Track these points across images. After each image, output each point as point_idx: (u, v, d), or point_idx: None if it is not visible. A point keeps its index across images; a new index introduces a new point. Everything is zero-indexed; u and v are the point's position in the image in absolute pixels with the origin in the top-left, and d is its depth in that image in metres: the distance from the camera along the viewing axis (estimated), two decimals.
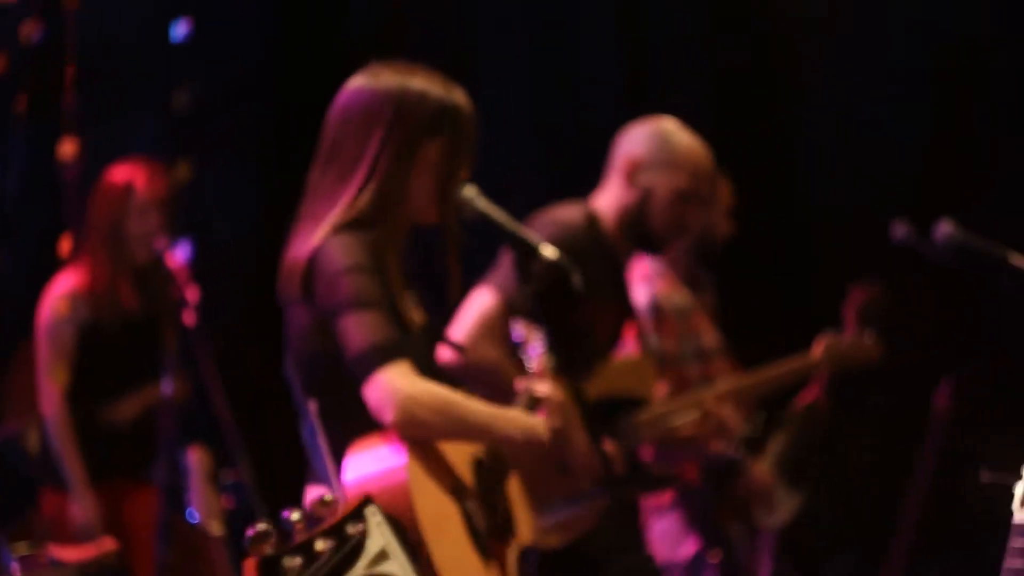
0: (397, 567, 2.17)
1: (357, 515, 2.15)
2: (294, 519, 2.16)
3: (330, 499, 2.14)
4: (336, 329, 3.24)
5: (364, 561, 2.16)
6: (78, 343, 5.50)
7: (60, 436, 5.43)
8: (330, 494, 2.17)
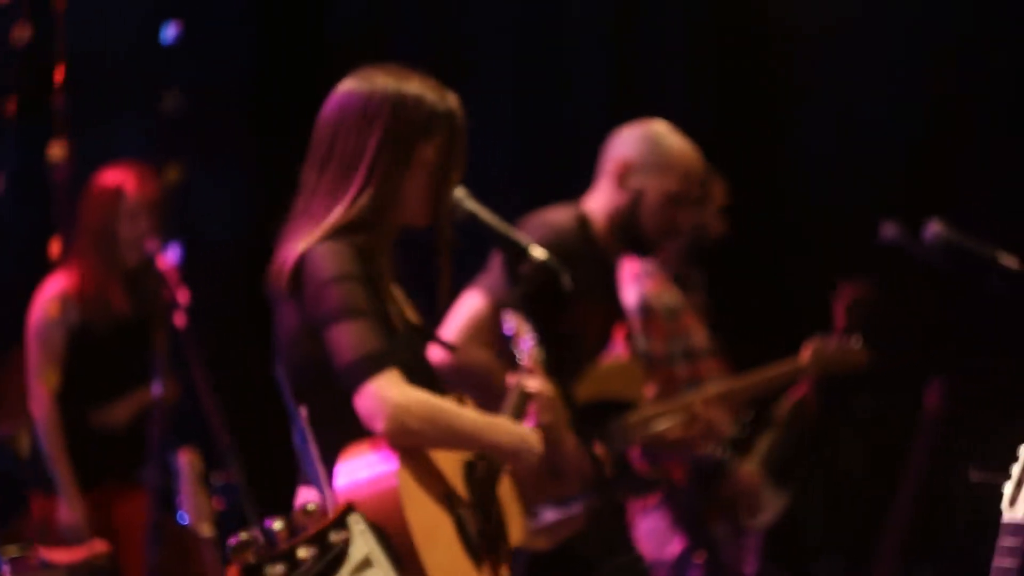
0: (381, 574, 2.17)
1: (340, 523, 2.15)
2: (277, 527, 2.16)
3: (313, 508, 2.14)
4: (325, 338, 3.23)
5: (347, 568, 2.16)
6: (68, 345, 5.50)
7: (50, 438, 5.44)
8: (313, 503, 2.18)
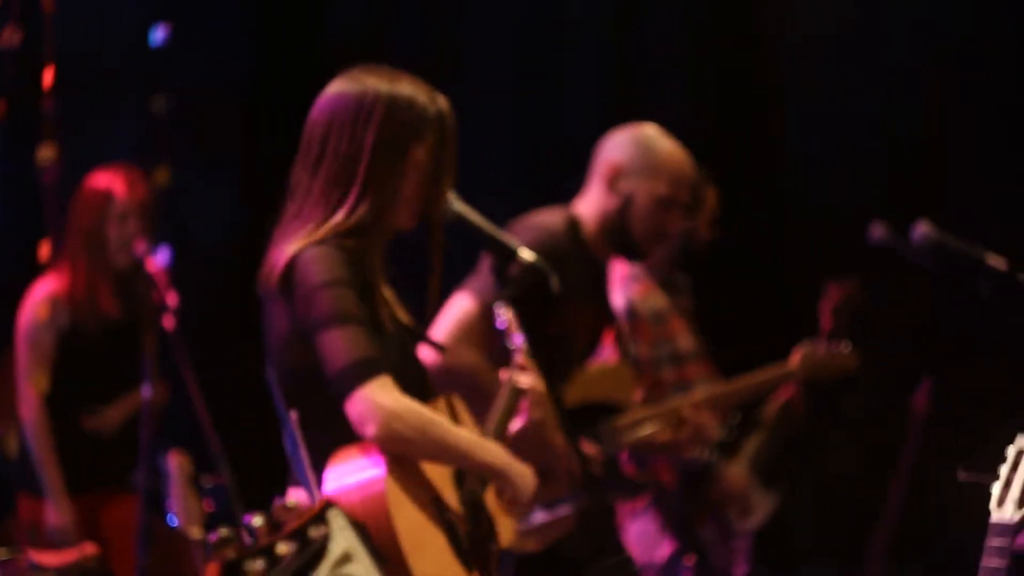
0: (361, 569, 2.17)
1: (320, 518, 2.15)
2: (257, 523, 2.15)
3: (293, 504, 2.13)
4: (316, 344, 3.22)
5: (327, 564, 2.16)
6: (58, 347, 5.51)
7: (38, 441, 5.44)
8: (294, 499, 2.17)
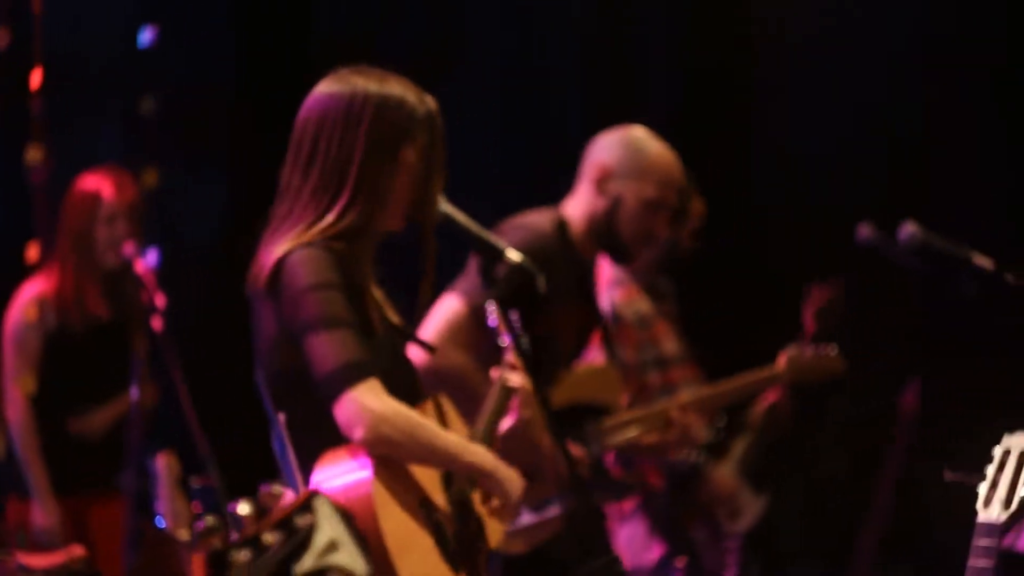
0: (347, 557, 2.17)
1: (306, 507, 2.15)
2: (243, 512, 2.16)
3: (279, 491, 2.14)
4: (304, 347, 3.22)
5: (314, 552, 2.16)
6: (45, 349, 5.50)
7: (24, 443, 5.43)
8: (279, 485, 2.17)
